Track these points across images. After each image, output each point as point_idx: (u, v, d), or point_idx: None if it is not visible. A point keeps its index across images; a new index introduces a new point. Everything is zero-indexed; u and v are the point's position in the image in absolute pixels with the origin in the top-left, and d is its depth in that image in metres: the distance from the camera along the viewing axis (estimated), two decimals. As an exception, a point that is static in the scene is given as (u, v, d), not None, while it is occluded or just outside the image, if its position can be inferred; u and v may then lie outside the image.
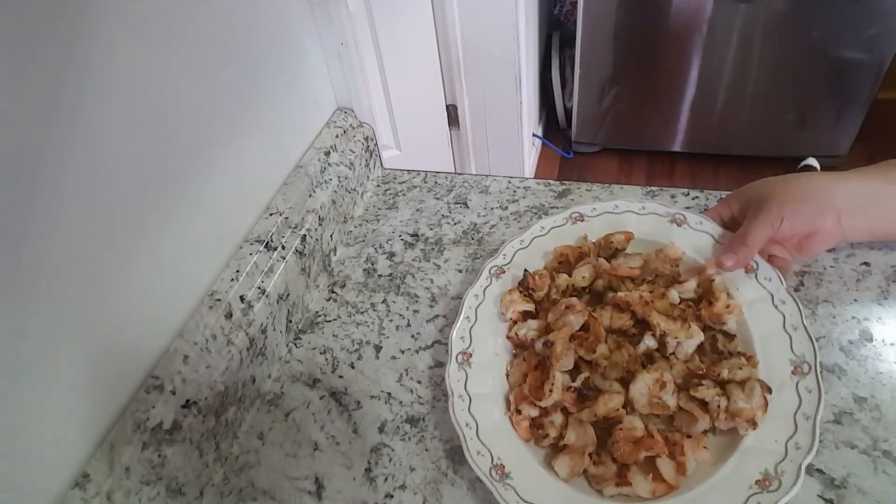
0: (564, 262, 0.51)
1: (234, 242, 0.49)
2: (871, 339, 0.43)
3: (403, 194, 0.65)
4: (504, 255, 0.52)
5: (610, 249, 0.50)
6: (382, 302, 0.53)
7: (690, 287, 0.46)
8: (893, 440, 0.38)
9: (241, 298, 0.45)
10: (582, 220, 0.53)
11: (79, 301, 0.34)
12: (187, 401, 0.39)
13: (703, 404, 0.40)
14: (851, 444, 0.38)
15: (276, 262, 0.49)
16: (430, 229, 0.59)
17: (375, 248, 0.58)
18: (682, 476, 0.38)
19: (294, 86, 0.56)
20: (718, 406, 0.39)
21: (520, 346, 0.47)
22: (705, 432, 0.40)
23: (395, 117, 1.33)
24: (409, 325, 0.51)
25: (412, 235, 0.59)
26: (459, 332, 0.46)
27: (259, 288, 0.47)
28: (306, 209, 0.54)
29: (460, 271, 0.54)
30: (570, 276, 0.49)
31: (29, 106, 0.30)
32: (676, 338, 0.43)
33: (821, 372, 0.39)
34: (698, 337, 0.43)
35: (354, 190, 0.62)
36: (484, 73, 1.41)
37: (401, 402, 0.45)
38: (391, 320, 0.51)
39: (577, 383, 0.42)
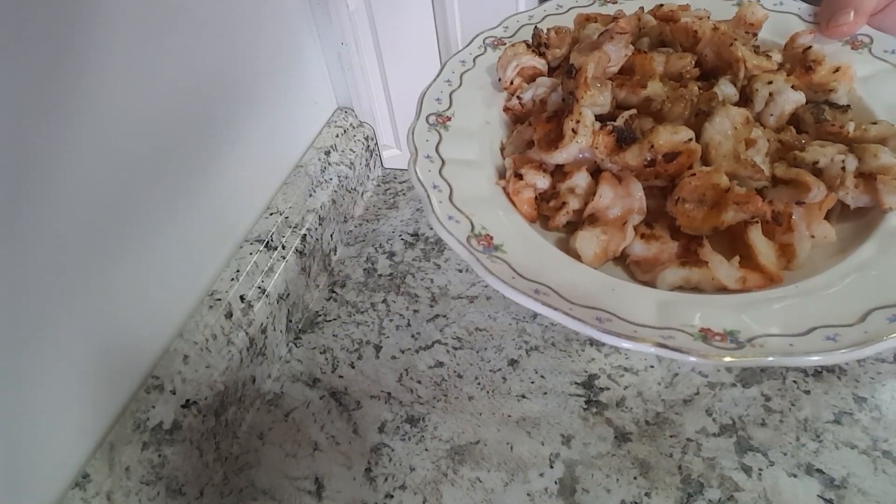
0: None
1: (234, 242, 0.49)
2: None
3: (404, 194, 0.65)
4: (505, 27, 0.40)
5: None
6: (382, 302, 0.53)
7: (775, 59, 0.34)
8: (893, 440, 0.38)
9: (241, 298, 0.45)
10: (614, 3, 0.42)
11: (78, 301, 0.34)
12: (187, 401, 0.39)
13: (816, 171, 0.27)
14: (851, 444, 0.38)
15: (276, 262, 0.49)
16: (431, 229, 0.59)
17: (375, 248, 0.58)
18: (789, 263, 0.26)
19: (294, 85, 0.56)
20: (844, 168, 0.26)
21: (522, 119, 0.35)
22: (824, 210, 0.26)
23: (395, 117, 1.33)
24: (409, 324, 0.51)
25: (412, 235, 0.59)
26: (434, 94, 0.36)
27: (259, 287, 0.47)
28: (306, 209, 0.54)
29: (461, 271, 0.54)
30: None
31: (27, 104, 0.30)
32: (770, 83, 0.29)
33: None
34: (799, 95, 0.30)
35: (354, 189, 0.62)
36: (484, 72, 1.41)
37: (401, 402, 0.45)
38: (391, 320, 0.51)
39: (619, 122, 0.28)
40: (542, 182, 0.29)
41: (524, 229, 0.29)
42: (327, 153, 0.59)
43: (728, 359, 0.22)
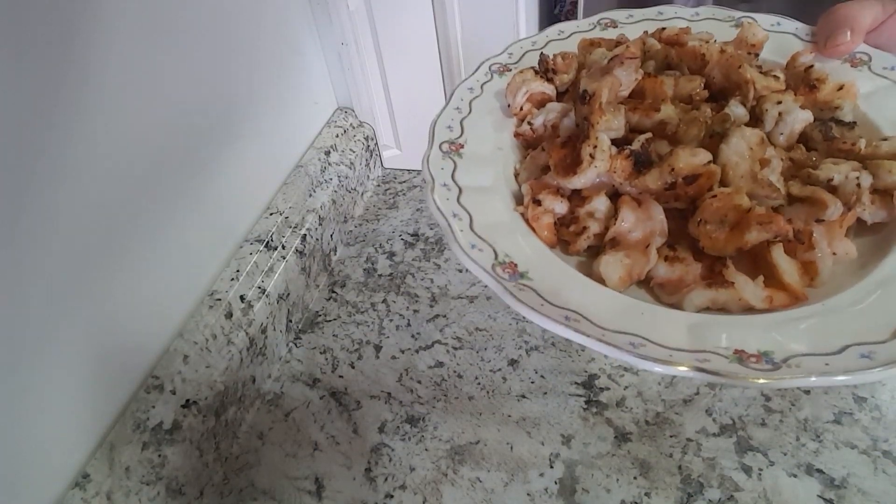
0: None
1: (234, 242, 0.49)
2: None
3: (403, 194, 0.65)
4: (510, 53, 0.41)
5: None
6: (382, 302, 0.53)
7: (781, 80, 0.34)
8: (893, 440, 0.38)
9: (241, 298, 0.45)
10: (614, 27, 0.42)
11: (78, 301, 0.34)
12: (187, 401, 0.39)
13: (831, 188, 0.27)
14: (851, 444, 0.38)
15: (276, 262, 0.49)
16: (431, 229, 0.59)
17: (375, 248, 0.58)
18: (812, 281, 0.26)
19: (294, 85, 0.56)
20: (859, 185, 0.26)
21: (533, 144, 0.35)
22: (845, 227, 0.27)
23: (395, 117, 1.33)
24: (409, 324, 0.51)
25: (412, 235, 0.59)
26: (445, 121, 0.36)
27: (259, 287, 0.47)
28: (306, 209, 0.54)
29: (460, 271, 0.54)
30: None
31: (26, 106, 0.30)
32: (779, 103, 0.30)
33: None
34: (808, 114, 0.31)
35: (354, 190, 0.62)
36: (484, 72, 1.41)
37: (401, 402, 0.45)
38: (391, 320, 0.51)
39: (636, 146, 0.28)
40: (561, 207, 0.30)
41: (546, 255, 0.29)
42: (327, 153, 0.59)
43: (762, 380, 0.22)
